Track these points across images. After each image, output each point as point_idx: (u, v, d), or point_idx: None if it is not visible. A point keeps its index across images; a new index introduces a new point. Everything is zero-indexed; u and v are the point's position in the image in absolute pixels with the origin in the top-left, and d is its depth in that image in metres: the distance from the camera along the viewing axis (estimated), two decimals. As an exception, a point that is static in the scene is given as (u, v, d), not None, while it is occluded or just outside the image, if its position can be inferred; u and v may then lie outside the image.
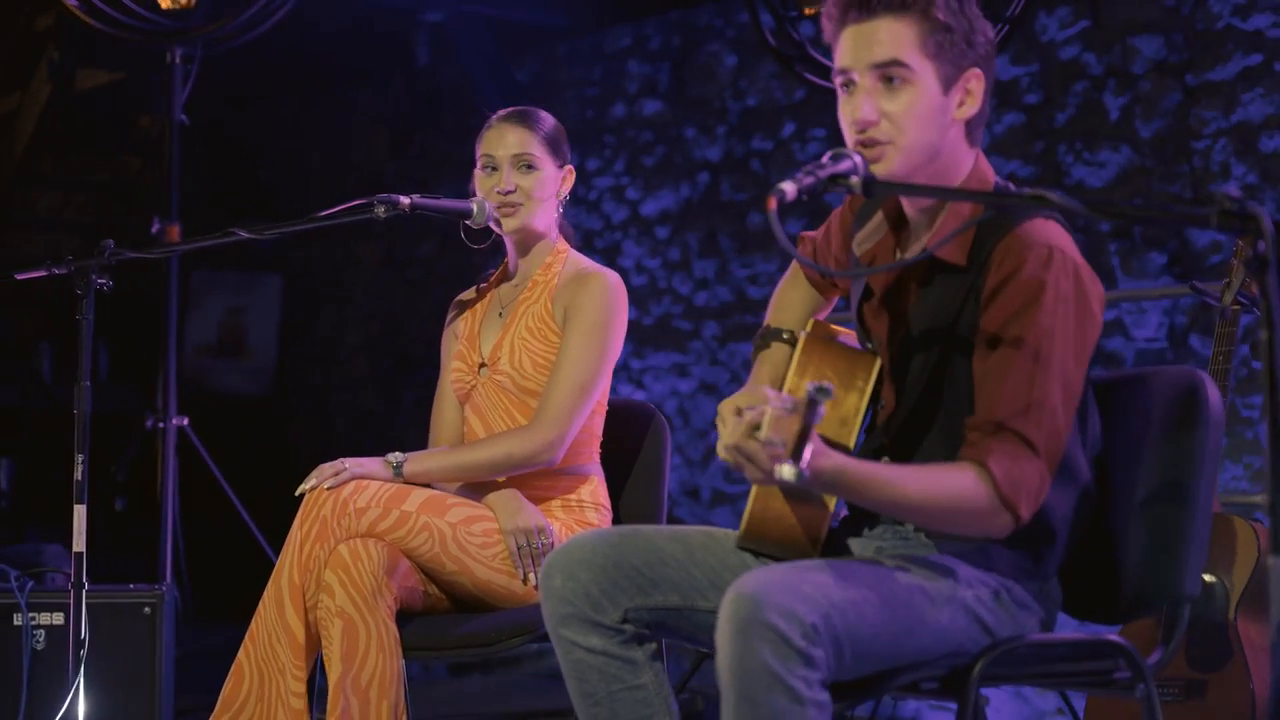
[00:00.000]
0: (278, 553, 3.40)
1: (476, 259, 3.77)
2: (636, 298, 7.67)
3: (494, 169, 3.64)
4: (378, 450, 3.55)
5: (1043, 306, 2.51)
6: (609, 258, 7.81)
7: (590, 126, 7.98)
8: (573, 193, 3.75)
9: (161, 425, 5.60)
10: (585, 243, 7.82)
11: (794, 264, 3.07)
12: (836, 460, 2.40)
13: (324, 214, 3.38)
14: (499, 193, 3.62)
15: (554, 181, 3.67)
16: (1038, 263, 2.52)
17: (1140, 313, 5.84)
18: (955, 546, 2.61)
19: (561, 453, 3.52)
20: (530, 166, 3.62)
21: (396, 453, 3.51)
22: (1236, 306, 3.83)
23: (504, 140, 3.64)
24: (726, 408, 2.54)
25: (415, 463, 3.50)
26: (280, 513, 3.44)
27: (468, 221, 3.61)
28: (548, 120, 3.69)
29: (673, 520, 7.40)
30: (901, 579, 2.50)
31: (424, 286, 8.81)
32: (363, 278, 9.31)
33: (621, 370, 7.71)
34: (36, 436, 8.52)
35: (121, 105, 8.79)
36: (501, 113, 3.70)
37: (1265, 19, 5.59)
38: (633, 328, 7.55)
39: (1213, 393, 2.65)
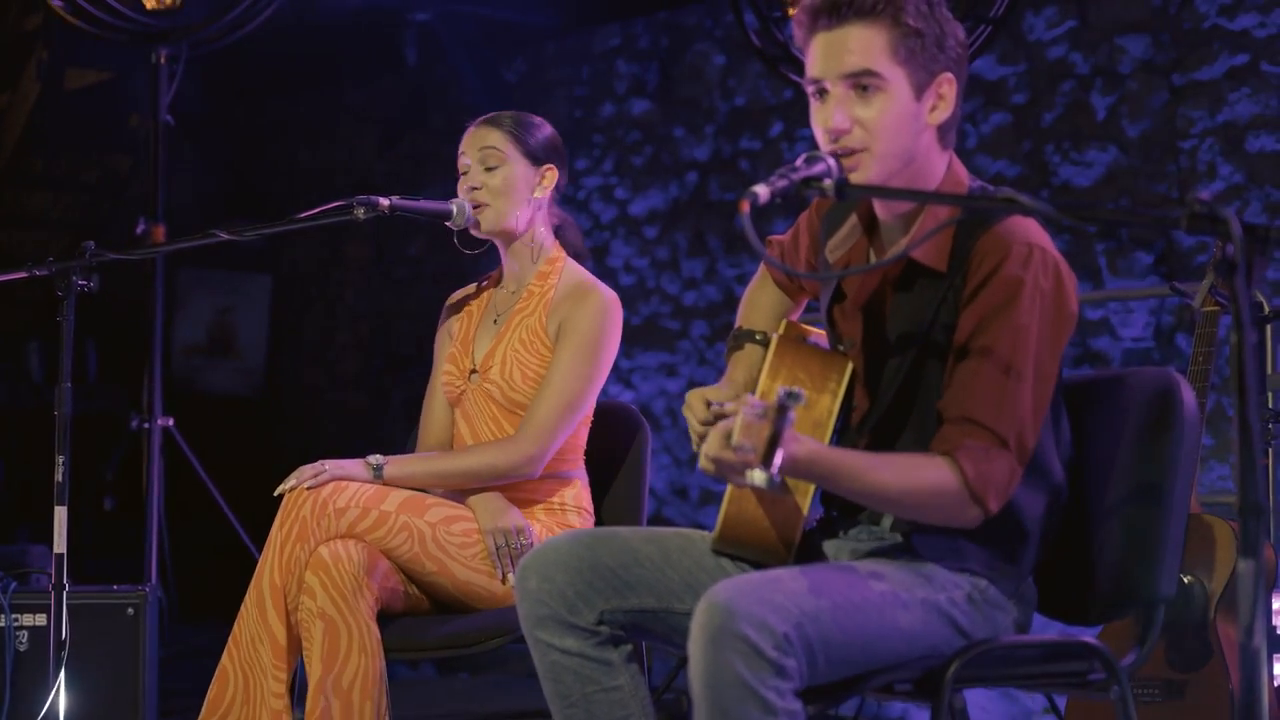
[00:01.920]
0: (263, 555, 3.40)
1: (467, 260, 3.77)
2: (625, 298, 7.60)
3: (467, 171, 3.64)
4: (366, 450, 3.55)
5: (1021, 303, 2.52)
6: (597, 257, 7.80)
7: (578, 126, 7.96)
8: (560, 192, 3.72)
9: (146, 426, 5.57)
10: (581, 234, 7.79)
11: (762, 266, 3.08)
12: (809, 446, 2.42)
13: (304, 215, 3.37)
14: (468, 191, 3.61)
15: (524, 179, 3.62)
16: (1018, 261, 2.53)
17: (1127, 312, 5.84)
18: (930, 548, 2.61)
19: (541, 467, 3.53)
20: (493, 164, 3.59)
21: (377, 455, 3.51)
22: (1216, 307, 3.83)
23: (472, 140, 3.64)
24: (695, 396, 2.55)
25: (395, 466, 3.50)
26: (268, 513, 3.43)
27: (448, 224, 3.61)
28: (524, 119, 3.65)
29: (661, 520, 7.42)
30: (874, 584, 2.50)
31: (413, 286, 8.80)
32: (352, 277, 9.29)
33: (609, 370, 7.68)
34: (26, 436, 8.50)
35: (111, 105, 8.76)
36: (478, 118, 3.69)
37: (1251, 19, 5.59)
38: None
39: (1187, 394, 2.65)
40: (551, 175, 3.66)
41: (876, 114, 2.55)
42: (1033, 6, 6.18)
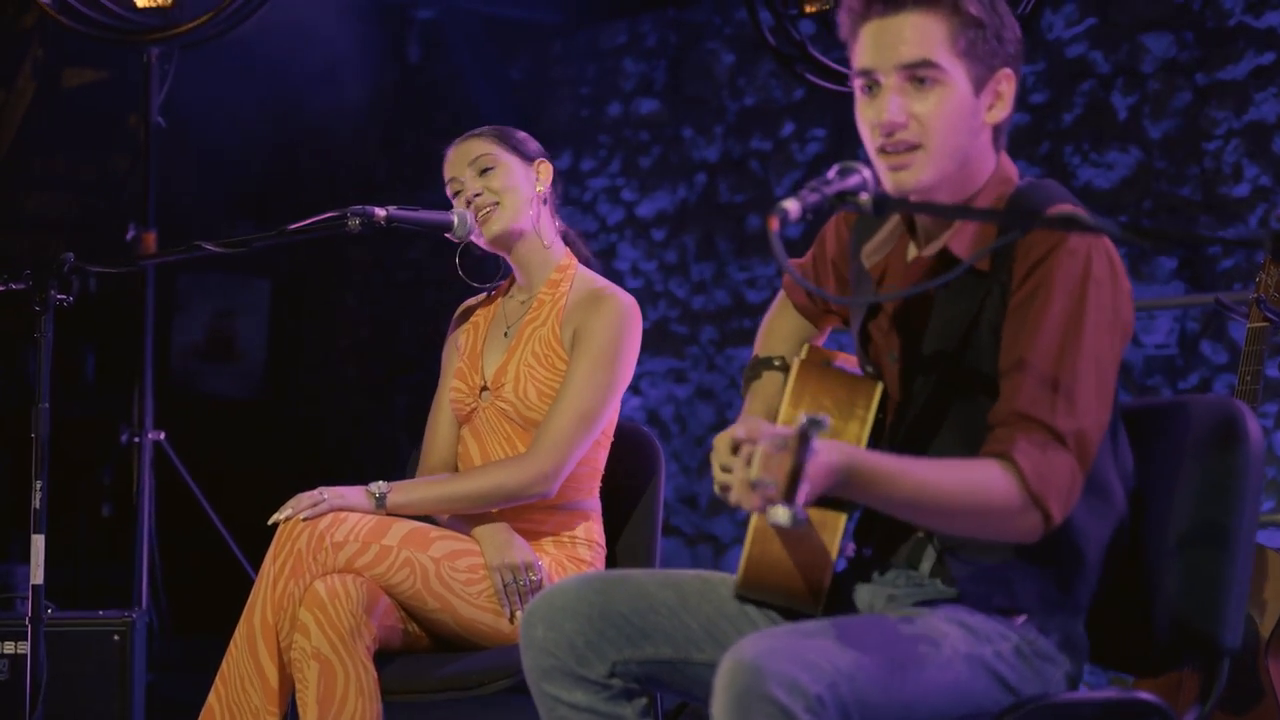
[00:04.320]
0: (259, 568, 3.23)
1: (467, 266, 3.60)
2: (632, 301, 7.56)
3: (460, 191, 3.48)
4: (367, 454, 3.40)
5: (1073, 291, 2.32)
6: (604, 260, 7.70)
7: (585, 126, 7.87)
8: (567, 193, 3.56)
9: (137, 440, 5.36)
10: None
11: (781, 293, 2.88)
12: (844, 450, 2.21)
13: (295, 227, 3.22)
14: (468, 201, 3.45)
15: (522, 174, 3.47)
16: (1072, 247, 2.33)
17: (1150, 319, 5.73)
18: (973, 581, 2.41)
19: (557, 485, 3.34)
20: (489, 166, 3.45)
21: (380, 483, 3.32)
22: (1265, 323, 3.65)
23: (457, 158, 3.49)
24: (721, 441, 2.35)
25: (400, 493, 3.32)
26: (267, 520, 3.28)
27: (448, 235, 3.45)
28: (501, 128, 3.53)
29: (669, 529, 7.29)
30: (914, 638, 2.31)
31: (415, 290, 8.71)
32: (353, 281, 9.22)
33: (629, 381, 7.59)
34: (22, 444, 8.36)
35: (108, 104, 8.67)
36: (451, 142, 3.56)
37: (1278, 16, 5.49)
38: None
39: (1253, 425, 2.44)
40: (546, 168, 3.51)
41: (934, 108, 2.36)
42: (1052, 4, 6.09)
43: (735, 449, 2.25)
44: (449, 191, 3.49)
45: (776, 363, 2.71)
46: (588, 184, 7.83)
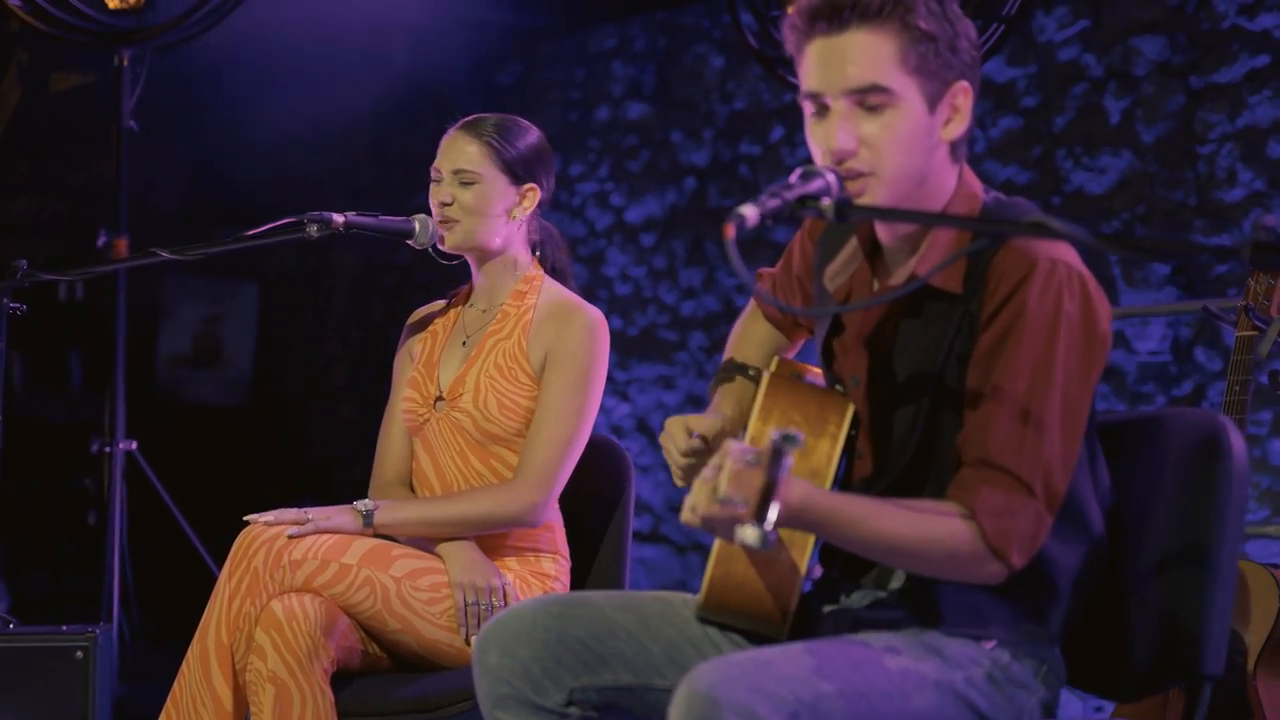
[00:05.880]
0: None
1: (457, 268, 3.51)
2: (621, 307, 7.50)
3: (439, 181, 3.36)
4: (355, 459, 3.31)
5: (1044, 329, 2.24)
6: (593, 266, 7.64)
7: (574, 130, 7.81)
8: (555, 199, 3.46)
9: (108, 450, 5.24)
10: (568, 250, 7.66)
11: (753, 298, 2.80)
12: (801, 490, 2.15)
13: (252, 233, 3.14)
14: (437, 205, 3.35)
15: (501, 197, 3.33)
16: (1040, 279, 2.25)
17: (1143, 325, 5.65)
18: (942, 608, 2.33)
19: (544, 516, 3.27)
20: (467, 181, 3.32)
21: (366, 500, 3.24)
22: (1254, 332, 3.57)
23: (448, 150, 3.35)
24: (675, 424, 2.27)
25: (386, 512, 3.22)
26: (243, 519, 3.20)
27: (410, 242, 3.35)
28: (508, 127, 3.35)
29: (659, 537, 7.22)
30: (881, 664, 2.23)
31: (404, 294, 8.66)
32: (341, 285, 9.16)
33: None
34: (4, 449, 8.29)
35: (94, 108, 8.61)
36: (459, 121, 3.41)
37: (1272, 18, 5.43)
38: (617, 338, 7.38)
39: (1236, 441, 2.35)
40: (533, 196, 3.37)
41: (884, 133, 2.27)
42: (1043, 6, 6.02)
43: (691, 449, 2.17)
44: (432, 173, 3.37)
45: (750, 371, 2.63)
46: (576, 189, 7.77)
